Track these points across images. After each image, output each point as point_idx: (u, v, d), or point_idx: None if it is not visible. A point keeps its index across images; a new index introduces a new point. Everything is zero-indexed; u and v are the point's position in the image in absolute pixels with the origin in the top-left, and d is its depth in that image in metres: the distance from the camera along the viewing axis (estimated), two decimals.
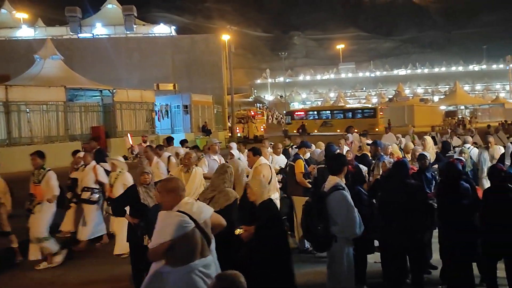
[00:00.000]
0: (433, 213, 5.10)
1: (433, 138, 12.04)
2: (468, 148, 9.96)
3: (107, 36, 42.46)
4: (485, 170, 7.96)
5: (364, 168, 7.12)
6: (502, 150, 8.76)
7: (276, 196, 6.15)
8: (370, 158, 8.33)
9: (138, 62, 37.34)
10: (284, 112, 53.42)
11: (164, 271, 3.30)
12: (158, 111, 29.05)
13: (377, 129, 35.61)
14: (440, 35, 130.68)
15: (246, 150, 10.21)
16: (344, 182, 4.56)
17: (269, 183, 5.88)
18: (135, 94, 26.16)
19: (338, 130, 35.58)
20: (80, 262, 6.89)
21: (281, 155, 9.24)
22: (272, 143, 9.47)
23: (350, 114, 41.89)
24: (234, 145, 10.08)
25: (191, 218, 3.29)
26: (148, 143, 13.97)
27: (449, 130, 19.78)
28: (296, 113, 45.42)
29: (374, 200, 5.49)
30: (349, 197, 4.33)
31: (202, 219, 3.37)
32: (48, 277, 6.25)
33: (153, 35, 43.74)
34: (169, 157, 9.02)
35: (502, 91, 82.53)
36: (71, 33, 43.08)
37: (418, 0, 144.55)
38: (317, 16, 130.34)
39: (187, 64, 37.50)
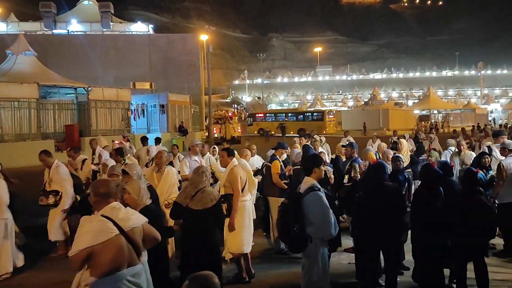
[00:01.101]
0: (407, 215, 5.19)
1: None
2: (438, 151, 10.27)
3: (83, 33, 41.67)
4: (456, 174, 8.13)
5: (329, 169, 7.17)
6: (473, 155, 8.92)
7: (248, 198, 6.10)
8: (344, 160, 8.40)
9: (114, 60, 36.75)
10: (247, 114, 54.87)
11: (89, 282, 3.02)
12: (134, 110, 28.62)
13: (324, 132, 37.80)
14: (415, 41, 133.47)
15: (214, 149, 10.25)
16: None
17: (244, 185, 5.85)
18: (110, 92, 25.70)
19: (292, 132, 38.50)
20: (51, 263, 6.73)
21: (256, 156, 9.29)
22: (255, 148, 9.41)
23: (301, 117, 45.10)
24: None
25: (115, 224, 3.06)
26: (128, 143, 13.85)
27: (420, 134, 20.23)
28: (257, 115, 47.91)
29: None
30: (324, 198, 4.37)
31: (129, 226, 3.12)
32: (15, 281, 6.06)
33: (130, 33, 43.18)
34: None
35: (473, 96, 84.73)
36: (45, 29, 42.10)
37: (395, 6, 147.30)
38: (295, 18, 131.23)
39: (165, 63, 37.13)
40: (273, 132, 41.45)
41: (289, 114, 47.07)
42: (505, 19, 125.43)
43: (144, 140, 13.24)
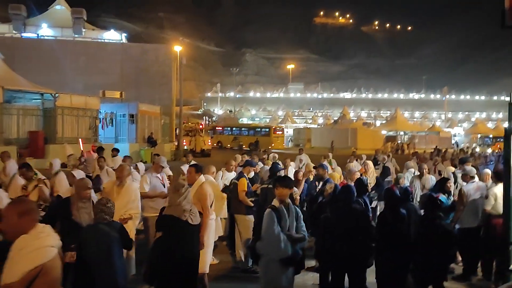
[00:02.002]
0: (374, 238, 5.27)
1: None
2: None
3: (53, 38, 40.82)
4: (417, 198, 8.29)
5: (295, 190, 7.21)
6: (434, 179, 9.07)
7: (213, 217, 6.03)
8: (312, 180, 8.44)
9: (84, 67, 36.08)
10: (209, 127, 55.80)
11: None
12: (103, 119, 28.12)
13: (270, 147, 39.25)
14: (384, 63, 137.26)
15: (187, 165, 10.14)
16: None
17: (212, 203, 5.81)
18: (79, 99, 25.17)
19: (244, 146, 41.27)
20: None
21: (233, 172, 9.24)
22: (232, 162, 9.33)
23: (252, 132, 46.95)
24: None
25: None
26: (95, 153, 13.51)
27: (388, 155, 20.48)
28: (216, 128, 49.67)
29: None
30: (274, 217, 4.40)
31: (59, 245, 2.89)
32: None
33: (103, 40, 42.61)
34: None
35: (438, 120, 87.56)
36: (14, 32, 41.02)
37: (366, 29, 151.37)
38: (269, 35, 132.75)
39: (136, 73, 36.73)
40: (228, 145, 43.39)
41: (243, 129, 48.96)
42: (469, 47, 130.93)
43: (114, 151, 13.00)
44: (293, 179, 8.22)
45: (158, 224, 4.67)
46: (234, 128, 49.58)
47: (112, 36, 44.44)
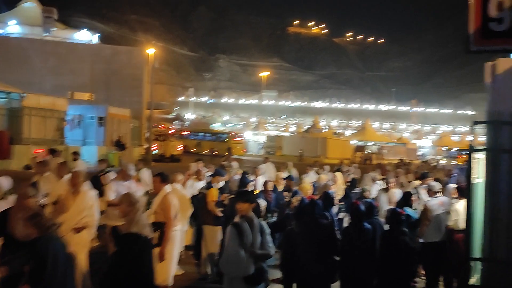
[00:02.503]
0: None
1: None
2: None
3: (21, 36, 39.64)
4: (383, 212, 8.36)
5: (262, 202, 7.20)
6: (399, 193, 9.09)
7: (179, 228, 5.92)
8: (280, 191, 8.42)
9: (53, 67, 35.11)
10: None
11: None
12: (70, 120, 27.46)
13: (227, 153, 39.77)
14: (355, 75, 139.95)
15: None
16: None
17: (176, 213, 5.69)
18: (46, 100, 24.49)
19: (206, 151, 42.01)
20: None
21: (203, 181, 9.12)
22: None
23: (214, 137, 47.75)
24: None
25: None
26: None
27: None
28: (182, 132, 49.78)
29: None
30: (235, 234, 4.34)
31: None
32: None
33: (74, 40, 41.67)
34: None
35: (405, 131, 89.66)
36: None
37: (338, 40, 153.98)
38: (243, 42, 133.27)
39: (107, 75, 35.98)
40: (192, 150, 43.56)
41: (205, 134, 49.89)
42: (436, 62, 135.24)
43: (74, 154, 12.63)
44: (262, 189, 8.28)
45: (118, 241, 4.37)
46: (198, 133, 50.57)
47: (84, 36, 43.55)
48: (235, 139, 46.80)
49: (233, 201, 7.01)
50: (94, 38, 43.84)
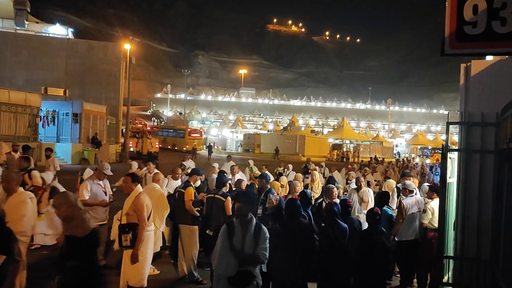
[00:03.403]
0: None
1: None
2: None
3: None
4: (355, 211, 8.45)
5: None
6: (371, 192, 9.10)
7: (152, 228, 5.82)
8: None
9: (26, 62, 34.22)
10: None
11: None
12: (44, 117, 26.84)
13: (184, 148, 43.40)
14: (333, 73, 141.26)
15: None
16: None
17: (149, 214, 5.58)
18: (18, 96, 23.90)
19: (169, 146, 45.87)
20: None
21: (179, 180, 9.07)
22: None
23: (175, 134, 49.54)
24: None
25: None
26: (19, 153, 12.65)
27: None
28: (151, 129, 51.32)
29: None
30: (225, 232, 4.36)
31: None
32: None
33: (47, 34, 40.65)
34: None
35: (382, 130, 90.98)
36: None
37: (317, 39, 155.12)
38: (222, 38, 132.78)
39: (82, 71, 35.30)
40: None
41: (170, 130, 51.82)
42: (411, 62, 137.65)
43: (47, 151, 12.33)
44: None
45: (81, 247, 3.93)
46: (164, 130, 52.88)
47: (58, 30, 42.50)
48: (192, 135, 47.60)
49: (211, 200, 6.98)
50: (68, 33, 42.83)
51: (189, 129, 49.11)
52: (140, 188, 5.64)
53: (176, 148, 46.21)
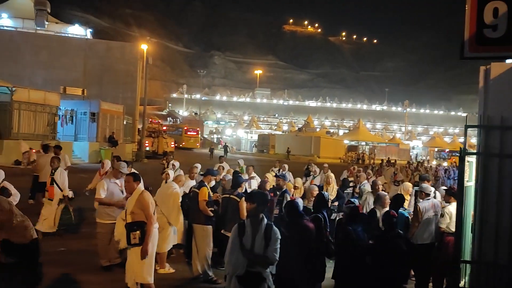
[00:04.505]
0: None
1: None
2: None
3: (13, 29, 39.23)
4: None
5: None
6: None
7: (156, 226, 5.84)
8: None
9: (45, 62, 34.77)
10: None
11: None
12: (62, 115, 27.27)
13: (181, 145, 45.28)
14: (349, 74, 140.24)
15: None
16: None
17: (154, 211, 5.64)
18: (38, 95, 24.31)
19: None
20: None
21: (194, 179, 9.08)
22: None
23: (176, 132, 50.05)
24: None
25: None
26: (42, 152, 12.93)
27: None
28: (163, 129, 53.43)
29: None
30: (236, 232, 4.41)
31: None
32: None
33: (67, 35, 41.31)
34: None
35: (398, 132, 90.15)
36: None
37: (333, 39, 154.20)
38: (238, 39, 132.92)
39: (100, 70, 35.74)
40: None
41: (171, 128, 52.26)
42: (429, 63, 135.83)
43: (45, 148, 12.47)
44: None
45: (17, 253, 3.82)
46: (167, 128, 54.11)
47: (77, 31, 43.18)
48: (188, 133, 49.07)
49: (226, 200, 7.02)
50: (87, 33, 43.46)
51: (185, 128, 51.32)
52: (142, 186, 5.79)
53: (176, 145, 47.53)
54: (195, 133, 50.93)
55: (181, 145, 45.34)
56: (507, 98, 5.00)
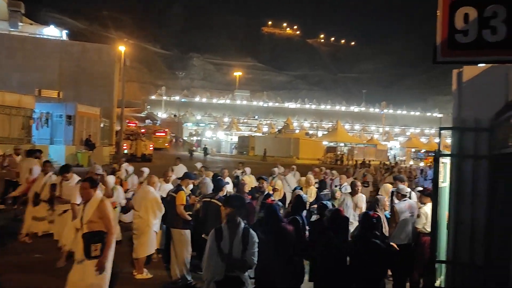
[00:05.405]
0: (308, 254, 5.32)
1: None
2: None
3: None
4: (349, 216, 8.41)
5: None
6: (364, 198, 8.94)
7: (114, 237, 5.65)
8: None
9: (20, 64, 33.99)
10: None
11: None
12: (37, 119, 26.72)
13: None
14: (327, 76, 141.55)
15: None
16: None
17: None
18: (12, 97, 23.75)
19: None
20: None
21: (170, 183, 9.01)
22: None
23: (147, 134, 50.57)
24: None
25: None
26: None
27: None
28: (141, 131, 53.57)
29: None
30: (213, 237, 4.37)
31: None
32: None
33: (41, 36, 40.49)
34: None
35: (376, 133, 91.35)
36: None
37: (312, 41, 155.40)
38: (217, 41, 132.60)
39: (76, 72, 35.14)
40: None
41: (142, 130, 52.53)
42: (405, 65, 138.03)
43: (30, 153, 12.15)
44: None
45: None
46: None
47: (52, 32, 42.39)
48: (157, 134, 50.26)
49: (206, 204, 6.97)
50: (63, 35, 42.70)
51: (154, 129, 52.98)
52: (100, 193, 5.43)
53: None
54: (164, 134, 52.20)
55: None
56: (480, 101, 5.10)
